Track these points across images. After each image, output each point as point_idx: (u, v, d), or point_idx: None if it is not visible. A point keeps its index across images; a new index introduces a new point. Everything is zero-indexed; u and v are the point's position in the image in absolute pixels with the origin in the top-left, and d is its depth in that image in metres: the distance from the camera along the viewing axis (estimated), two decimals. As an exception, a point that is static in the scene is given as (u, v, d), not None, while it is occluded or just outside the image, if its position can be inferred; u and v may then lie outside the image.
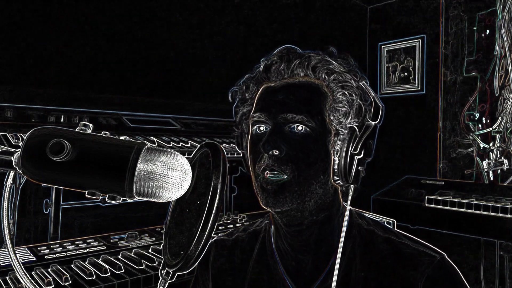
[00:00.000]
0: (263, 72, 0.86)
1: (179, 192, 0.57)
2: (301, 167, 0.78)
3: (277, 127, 0.79)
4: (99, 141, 0.55)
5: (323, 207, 0.83)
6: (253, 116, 0.83)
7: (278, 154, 0.78)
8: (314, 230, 0.84)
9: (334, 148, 0.82)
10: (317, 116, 0.80)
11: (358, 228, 0.87)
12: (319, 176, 0.80)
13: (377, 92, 3.72)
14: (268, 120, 0.81)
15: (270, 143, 0.77)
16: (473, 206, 2.54)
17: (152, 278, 1.52)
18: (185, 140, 2.23)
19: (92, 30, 2.21)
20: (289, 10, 3.14)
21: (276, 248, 0.90)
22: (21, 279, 0.58)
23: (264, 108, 0.82)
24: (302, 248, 0.85)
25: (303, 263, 0.86)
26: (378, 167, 3.46)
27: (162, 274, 0.65)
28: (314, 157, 0.80)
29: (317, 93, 0.82)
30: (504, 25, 2.97)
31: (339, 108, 0.81)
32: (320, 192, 0.81)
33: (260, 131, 0.82)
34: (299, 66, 0.83)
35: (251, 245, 0.96)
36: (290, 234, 0.85)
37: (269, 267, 0.90)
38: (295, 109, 0.79)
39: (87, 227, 2.03)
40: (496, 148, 2.99)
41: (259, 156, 0.80)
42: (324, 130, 0.81)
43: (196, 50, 2.63)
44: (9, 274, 1.41)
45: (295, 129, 0.79)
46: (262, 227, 0.98)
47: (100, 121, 2.07)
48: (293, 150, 0.78)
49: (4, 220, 0.58)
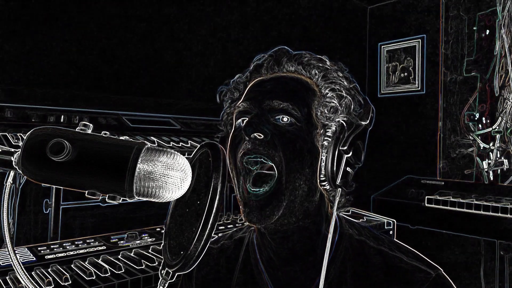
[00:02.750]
0: (253, 70, 0.85)
1: (179, 192, 0.57)
2: (287, 155, 0.73)
3: (262, 113, 0.75)
4: (99, 141, 0.55)
5: (308, 212, 0.78)
6: (238, 107, 0.80)
7: (263, 138, 0.73)
8: (299, 238, 0.79)
9: (321, 143, 0.77)
10: (303, 108, 0.77)
11: (349, 239, 0.83)
12: (304, 169, 0.75)
13: (377, 92, 3.72)
14: (252, 109, 0.77)
15: (253, 125, 0.72)
16: (473, 206, 2.54)
17: (152, 278, 1.52)
18: (185, 140, 2.23)
19: (92, 30, 2.21)
20: (289, 10, 3.14)
21: (260, 257, 0.85)
22: (21, 279, 0.58)
23: (249, 98, 0.79)
24: (288, 258, 0.81)
25: (291, 275, 0.81)
26: (378, 167, 3.47)
27: (162, 274, 0.65)
28: (301, 146, 0.75)
29: (305, 88, 0.81)
30: (504, 25, 2.97)
31: (327, 103, 0.79)
32: (305, 189, 0.76)
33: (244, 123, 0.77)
34: (289, 61, 0.82)
35: (236, 253, 0.91)
36: (274, 242, 0.80)
37: (254, 277, 0.85)
38: (281, 96, 0.76)
39: (87, 227, 2.03)
40: (496, 148, 2.99)
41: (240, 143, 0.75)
42: (310, 123, 0.77)
43: (196, 50, 2.63)
44: (9, 274, 1.41)
45: (280, 120, 0.76)
46: (246, 234, 0.93)
47: (100, 121, 2.07)
48: (279, 135, 0.74)
49: (4, 220, 0.58)
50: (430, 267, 0.79)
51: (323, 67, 0.82)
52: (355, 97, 0.81)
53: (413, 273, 0.77)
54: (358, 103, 0.81)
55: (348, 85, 0.82)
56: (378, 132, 3.51)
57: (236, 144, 0.77)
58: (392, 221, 2.26)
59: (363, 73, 3.83)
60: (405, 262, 0.79)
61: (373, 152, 3.57)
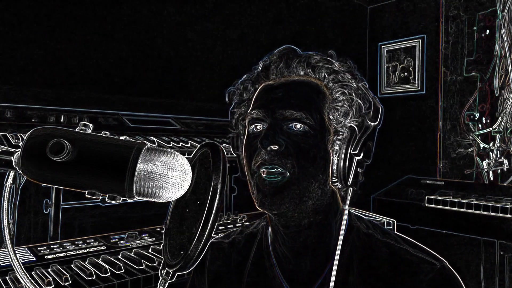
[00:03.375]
0: (262, 71, 0.85)
1: (179, 192, 0.57)
2: (301, 163, 0.76)
3: (275, 123, 0.77)
4: (99, 141, 0.55)
5: (320, 209, 0.81)
6: (250, 114, 0.81)
7: (278, 148, 0.75)
8: (312, 232, 0.82)
9: (333, 148, 0.80)
10: (316, 114, 0.78)
11: (357, 231, 0.85)
12: (318, 175, 0.78)
13: (377, 92, 3.72)
14: (266, 117, 0.78)
15: (268, 138, 0.75)
16: (473, 206, 2.54)
17: (152, 278, 1.52)
18: (185, 140, 2.23)
19: (92, 30, 2.21)
20: (289, 10, 3.14)
21: (273, 251, 0.88)
22: (21, 279, 0.58)
23: (262, 105, 0.80)
24: (300, 251, 0.83)
25: (301, 267, 0.84)
26: (378, 167, 3.47)
27: (162, 274, 0.65)
28: (314, 154, 0.77)
29: (316, 92, 0.81)
30: (504, 25, 2.97)
31: (339, 107, 0.80)
32: (319, 193, 0.79)
33: (257, 130, 0.80)
34: (298, 64, 0.82)
35: (248, 247, 0.93)
36: (287, 236, 0.83)
37: (266, 270, 0.87)
38: (294, 106, 0.77)
39: (87, 227, 2.03)
40: (496, 148, 2.99)
41: (256, 152, 0.78)
42: (323, 129, 0.79)
43: (196, 50, 2.63)
44: (9, 274, 1.41)
45: (293, 127, 0.77)
46: (259, 229, 0.95)
47: (100, 121, 2.07)
48: (293, 144, 0.76)
49: (4, 220, 0.58)
50: (436, 259, 0.80)
51: (333, 68, 0.82)
52: (365, 97, 0.82)
53: (418, 264, 0.78)
54: (368, 103, 0.82)
55: (358, 85, 0.82)
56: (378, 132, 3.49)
57: (251, 152, 0.80)
58: (392, 221, 2.26)
59: (363, 73, 3.82)
60: (411, 254, 0.80)
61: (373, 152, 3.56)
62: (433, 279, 0.76)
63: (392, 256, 0.81)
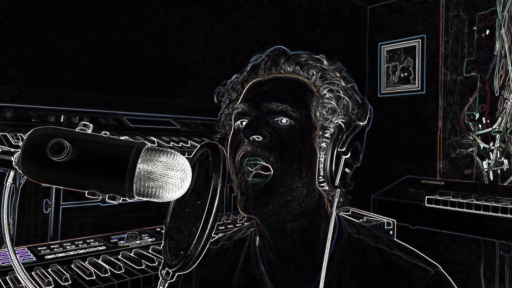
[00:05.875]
0: (251, 70, 0.84)
1: (179, 192, 0.57)
2: (285, 157, 0.74)
3: (260, 116, 0.75)
4: (99, 141, 0.55)
5: (307, 212, 0.78)
6: (236, 108, 0.80)
7: (262, 140, 0.73)
8: (298, 238, 0.79)
9: (320, 145, 0.78)
10: (302, 109, 0.77)
11: (348, 237, 0.83)
12: (302, 172, 0.75)
13: (377, 92, 3.72)
14: (251, 111, 0.77)
15: (252, 127, 0.73)
16: (473, 206, 2.54)
17: (152, 278, 1.52)
18: (185, 140, 2.23)
19: (92, 30, 2.21)
20: (289, 10, 3.14)
21: (261, 258, 0.85)
22: (21, 279, 0.58)
23: (248, 99, 0.79)
24: (288, 257, 0.80)
25: (290, 274, 0.81)
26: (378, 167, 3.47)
27: (162, 274, 0.65)
28: (299, 150, 0.75)
29: (303, 88, 0.80)
30: (504, 25, 2.97)
31: (326, 104, 0.79)
32: (304, 192, 0.76)
33: (243, 125, 0.77)
34: (286, 62, 0.82)
35: (236, 254, 0.90)
36: (274, 241, 0.80)
37: (255, 278, 0.85)
38: (280, 98, 0.76)
39: (87, 227, 2.03)
40: (496, 148, 2.99)
41: (239, 145, 0.75)
42: (310, 125, 0.77)
43: (197, 50, 2.63)
44: (9, 274, 1.41)
45: (279, 122, 0.75)
46: (247, 235, 0.93)
47: (100, 121, 2.07)
48: (278, 138, 0.74)
49: (4, 220, 0.58)
50: (429, 264, 0.79)
51: (321, 67, 0.82)
52: (353, 97, 0.81)
53: (411, 270, 0.77)
54: (356, 104, 0.81)
55: (346, 85, 0.82)
56: (378, 132, 3.51)
57: (235, 146, 0.78)
58: (392, 221, 2.26)
59: (363, 73, 3.83)
60: (404, 260, 0.79)
61: (373, 152, 3.57)
62: (428, 285, 0.75)
63: (385, 263, 0.79)
